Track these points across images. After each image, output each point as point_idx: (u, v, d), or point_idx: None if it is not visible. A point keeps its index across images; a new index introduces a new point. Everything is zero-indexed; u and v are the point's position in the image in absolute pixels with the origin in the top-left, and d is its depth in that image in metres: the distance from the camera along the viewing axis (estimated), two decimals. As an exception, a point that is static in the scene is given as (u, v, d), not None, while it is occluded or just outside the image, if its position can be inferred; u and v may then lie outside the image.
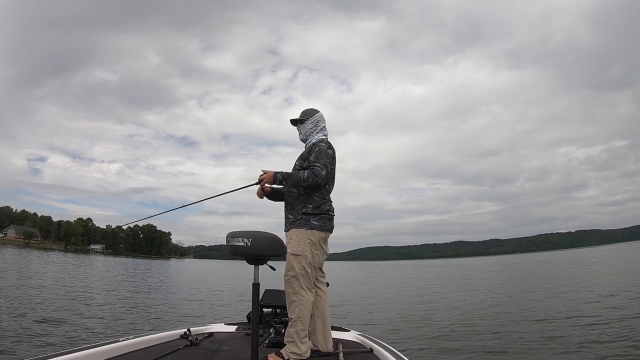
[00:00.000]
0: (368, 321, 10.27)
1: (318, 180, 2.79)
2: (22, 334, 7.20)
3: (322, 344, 2.86)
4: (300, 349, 2.61)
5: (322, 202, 2.94)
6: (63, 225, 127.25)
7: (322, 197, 2.95)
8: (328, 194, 3.01)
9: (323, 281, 3.03)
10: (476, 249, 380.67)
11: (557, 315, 9.67)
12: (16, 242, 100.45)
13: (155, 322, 9.76)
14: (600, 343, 6.83)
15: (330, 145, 3.01)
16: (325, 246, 2.95)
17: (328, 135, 3.14)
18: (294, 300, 2.73)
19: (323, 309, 2.95)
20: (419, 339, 7.96)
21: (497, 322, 9.43)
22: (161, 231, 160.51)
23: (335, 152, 3.05)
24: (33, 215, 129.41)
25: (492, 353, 6.75)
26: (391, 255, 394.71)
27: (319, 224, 2.88)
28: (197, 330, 3.32)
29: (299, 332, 2.64)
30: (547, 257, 73.59)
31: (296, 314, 2.69)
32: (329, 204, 2.99)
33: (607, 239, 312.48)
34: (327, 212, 2.95)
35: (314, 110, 3.16)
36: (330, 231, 2.97)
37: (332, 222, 3.00)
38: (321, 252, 2.88)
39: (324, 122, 3.14)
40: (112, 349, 2.51)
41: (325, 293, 3.02)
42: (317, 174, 2.78)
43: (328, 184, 2.98)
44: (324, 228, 2.91)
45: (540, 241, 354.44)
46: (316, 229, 2.87)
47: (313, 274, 2.82)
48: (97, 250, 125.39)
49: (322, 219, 2.91)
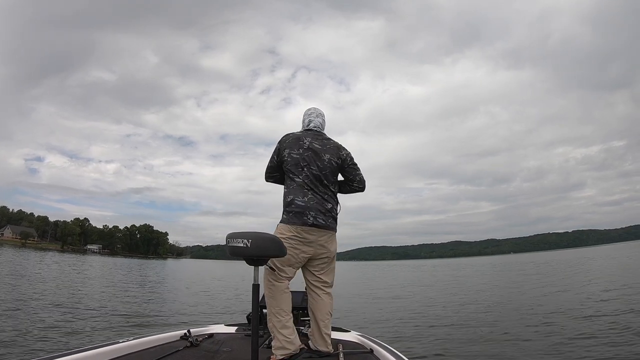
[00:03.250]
0: (368, 322, 10.29)
1: (264, 178, 3.12)
2: (18, 337, 7.12)
3: (322, 344, 2.83)
4: (280, 340, 2.61)
5: (287, 193, 2.87)
6: (60, 226, 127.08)
7: (288, 187, 2.90)
8: (294, 183, 2.87)
9: (321, 285, 2.94)
10: (473, 249, 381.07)
11: (557, 316, 9.69)
12: (12, 242, 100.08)
13: (155, 323, 9.73)
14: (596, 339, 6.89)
15: (286, 136, 3.00)
16: (309, 242, 2.79)
17: (318, 127, 3.10)
18: (265, 294, 2.77)
19: (320, 314, 2.88)
20: (419, 340, 7.98)
21: (496, 323, 9.46)
22: (158, 231, 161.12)
23: (295, 139, 2.96)
24: (30, 215, 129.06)
25: (492, 354, 6.77)
26: (388, 256, 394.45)
27: (286, 218, 2.81)
28: (197, 332, 3.30)
29: (275, 325, 2.65)
30: (543, 258, 73.80)
31: (267, 309, 2.72)
32: (297, 194, 2.82)
33: (604, 238, 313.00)
34: (292, 203, 2.81)
35: (307, 109, 3.22)
36: (303, 225, 2.77)
37: (305, 216, 2.78)
38: (295, 251, 2.74)
39: (308, 117, 3.13)
40: (112, 350, 2.49)
41: (322, 299, 2.92)
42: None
43: (293, 174, 2.88)
44: (290, 222, 2.78)
45: (537, 241, 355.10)
46: (283, 223, 2.81)
47: (284, 270, 2.76)
48: (94, 250, 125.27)
49: (288, 212, 2.82)
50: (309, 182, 2.84)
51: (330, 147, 2.98)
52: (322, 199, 2.86)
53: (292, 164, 2.88)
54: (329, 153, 2.95)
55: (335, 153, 2.98)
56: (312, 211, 2.78)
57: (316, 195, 2.84)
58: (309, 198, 2.81)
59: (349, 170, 3.07)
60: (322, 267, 2.94)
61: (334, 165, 2.95)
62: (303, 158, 2.87)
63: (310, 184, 2.84)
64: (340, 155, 3.00)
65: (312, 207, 2.79)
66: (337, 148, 3.01)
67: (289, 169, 2.89)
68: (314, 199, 2.82)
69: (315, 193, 2.84)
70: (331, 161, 2.93)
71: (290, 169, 2.89)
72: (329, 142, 3.02)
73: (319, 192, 2.86)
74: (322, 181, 2.88)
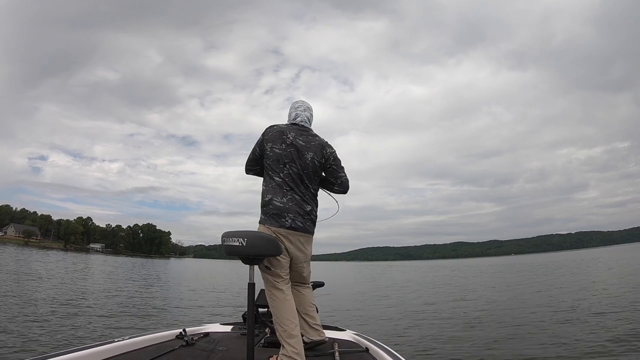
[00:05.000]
0: (364, 321, 10.28)
1: (245, 170, 2.96)
2: (15, 335, 7.16)
3: (314, 334, 2.81)
4: (288, 351, 2.48)
5: (265, 192, 2.71)
6: (63, 224, 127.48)
7: (267, 185, 2.73)
8: (273, 181, 2.71)
9: (298, 282, 2.87)
10: (476, 249, 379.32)
11: (556, 318, 9.68)
12: (15, 240, 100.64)
13: (150, 322, 9.76)
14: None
15: (270, 128, 2.83)
16: (287, 246, 2.63)
17: (304, 121, 2.91)
18: (268, 301, 2.66)
19: (303, 307, 2.83)
20: (415, 338, 8.02)
21: (494, 323, 9.45)
22: (161, 230, 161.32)
23: (279, 132, 2.77)
24: (33, 214, 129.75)
25: (485, 353, 6.76)
26: (391, 256, 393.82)
27: (264, 218, 2.66)
28: (193, 331, 3.30)
29: (281, 334, 2.53)
30: (546, 259, 73.52)
31: (273, 317, 2.61)
32: (276, 194, 2.66)
33: (607, 240, 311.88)
34: (270, 203, 2.65)
35: (294, 102, 3.05)
36: (284, 228, 2.61)
37: (283, 218, 2.62)
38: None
39: (295, 110, 2.94)
40: (107, 349, 2.49)
41: (302, 292, 2.87)
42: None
43: (273, 171, 2.72)
44: (267, 223, 2.63)
45: (540, 242, 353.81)
46: (261, 223, 2.66)
47: (276, 271, 2.61)
48: (96, 249, 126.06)
49: (265, 212, 2.66)
50: (290, 180, 2.68)
51: (314, 145, 2.79)
52: (302, 200, 2.70)
53: (274, 160, 2.71)
54: (312, 151, 2.76)
55: (319, 151, 2.79)
56: (291, 213, 2.64)
57: (295, 195, 2.68)
58: (288, 199, 2.65)
59: (331, 171, 2.90)
60: (299, 268, 2.81)
61: (316, 165, 2.78)
62: (285, 154, 2.71)
63: (291, 183, 2.68)
64: (324, 153, 2.82)
65: (291, 209, 2.64)
66: (321, 146, 2.82)
67: (270, 165, 2.73)
68: (293, 199, 2.66)
69: (294, 193, 2.68)
70: (314, 160, 2.76)
71: (270, 165, 2.73)
72: (314, 139, 2.83)
73: (299, 193, 2.70)
74: (303, 181, 2.72)
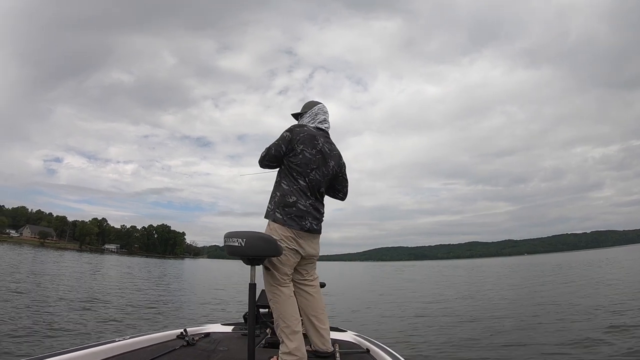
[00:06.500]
0: (365, 322, 10.23)
1: (259, 161, 2.83)
2: (18, 333, 7.22)
3: (319, 344, 2.76)
4: (289, 346, 2.47)
5: (290, 193, 2.66)
6: (78, 225, 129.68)
7: (291, 186, 2.68)
8: (298, 184, 2.68)
9: (310, 282, 2.85)
10: (491, 249, 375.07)
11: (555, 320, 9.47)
12: (31, 241, 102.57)
13: (152, 322, 9.81)
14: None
15: (300, 129, 2.77)
16: (301, 245, 2.65)
17: (328, 127, 2.93)
18: (270, 299, 2.63)
19: (314, 310, 2.79)
20: (416, 340, 7.97)
21: (494, 324, 9.37)
22: (175, 231, 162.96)
23: (311, 136, 2.73)
24: (48, 216, 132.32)
25: (488, 355, 6.70)
26: (404, 256, 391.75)
27: (282, 218, 2.62)
28: (194, 331, 3.32)
29: (283, 330, 2.51)
30: (560, 259, 72.48)
31: (275, 314, 2.59)
32: (300, 197, 2.65)
33: (622, 239, 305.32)
34: (294, 205, 2.63)
35: (313, 102, 3.00)
36: (303, 230, 2.63)
37: (304, 221, 2.64)
38: (290, 251, 2.61)
39: (324, 115, 2.93)
40: (108, 349, 2.50)
41: (313, 295, 2.83)
42: (260, 155, 2.80)
43: (299, 174, 2.69)
44: (287, 224, 2.60)
45: (555, 242, 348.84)
46: (279, 223, 2.62)
47: (284, 269, 2.61)
48: (111, 250, 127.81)
49: (286, 213, 2.62)
50: (313, 186, 2.72)
51: (335, 154, 2.87)
52: (320, 204, 2.79)
53: (303, 163, 2.69)
54: (334, 160, 2.84)
55: (337, 161, 2.88)
56: (310, 216, 2.68)
57: (315, 200, 2.74)
58: (310, 203, 2.69)
59: (340, 180, 2.99)
60: (310, 267, 2.86)
61: (335, 173, 2.87)
62: (314, 160, 2.72)
63: (313, 188, 2.72)
64: (340, 163, 2.93)
65: (311, 213, 2.69)
66: (339, 155, 2.91)
67: (296, 166, 2.70)
68: (313, 204, 2.72)
69: (314, 197, 2.74)
70: (334, 168, 2.85)
71: (297, 167, 2.70)
72: (335, 148, 2.90)
73: (317, 198, 2.77)
74: (320, 187, 2.77)
